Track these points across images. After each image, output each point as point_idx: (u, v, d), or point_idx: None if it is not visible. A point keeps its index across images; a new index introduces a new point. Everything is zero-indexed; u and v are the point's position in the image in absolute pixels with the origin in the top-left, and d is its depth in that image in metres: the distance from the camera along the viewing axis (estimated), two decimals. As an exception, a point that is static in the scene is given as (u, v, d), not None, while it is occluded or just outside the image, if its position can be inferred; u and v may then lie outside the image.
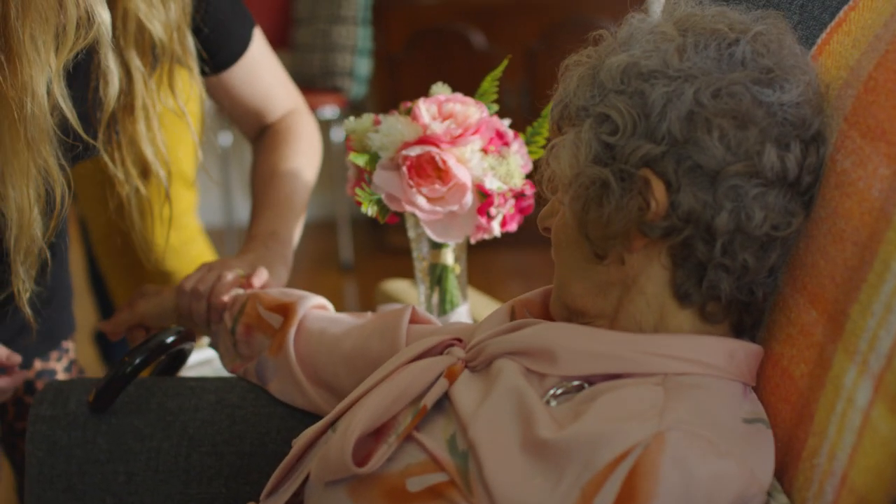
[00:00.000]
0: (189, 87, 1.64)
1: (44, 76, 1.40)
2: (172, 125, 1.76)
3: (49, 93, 1.42)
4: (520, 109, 4.37)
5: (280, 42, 4.82)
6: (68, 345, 1.87)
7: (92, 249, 3.08)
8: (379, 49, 4.56)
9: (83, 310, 2.80)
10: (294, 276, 1.70)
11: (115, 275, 2.93)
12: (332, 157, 4.62)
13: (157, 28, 1.53)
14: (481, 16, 4.55)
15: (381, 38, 4.55)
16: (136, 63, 1.55)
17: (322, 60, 4.58)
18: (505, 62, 1.69)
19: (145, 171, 1.63)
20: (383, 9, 4.56)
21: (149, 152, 1.61)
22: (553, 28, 4.57)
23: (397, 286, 2.22)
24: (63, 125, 1.47)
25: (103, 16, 1.43)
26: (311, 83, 4.62)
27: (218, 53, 1.70)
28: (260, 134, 1.83)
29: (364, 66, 4.56)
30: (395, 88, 4.54)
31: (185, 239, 2.82)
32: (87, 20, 1.42)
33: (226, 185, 4.87)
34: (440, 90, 1.63)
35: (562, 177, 1.16)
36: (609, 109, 1.13)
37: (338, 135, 4.58)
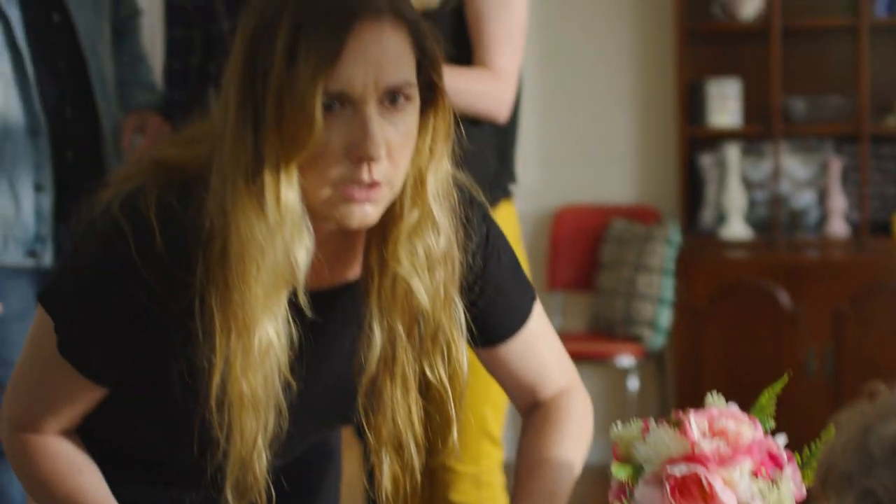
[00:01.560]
0: (455, 356, 1.62)
1: (271, 318, 1.44)
2: (477, 383, 1.76)
3: (278, 336, 1.46)
4: (823, 375, 4.22)
5: (584, 285, 4.86)
6: None
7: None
8: (681, 300, 4.52)
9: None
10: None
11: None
12: (626, 406, 4.57)
13: (422, 295, 1.53)
14: (788, 275, 4.46)
15: (685, 289, 4.51)
16: (399, 329, 1.55)
17: (624, 308, 4.57)
18: (785, 378, 1.62)
19: (398, 444, 1.62)
20: (689, 260, 4.53)
21: (400, 421, 1.60)
22: (863, 292, 4.42)
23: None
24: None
25: (299, 257, 1.44)
26: (611, 330, 4.61)
27: (493, 328, 1.69)
28: (531, 409, 1.81)
29: (665, 316, 4.52)
30: (695, 342, 4.47)
31: (486, 497, 2.81)
32: (289, 263, 1.44)
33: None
34: (715, 402, 1.58)
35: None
36: (875, 485, 1.05)
37: (633, 383, 4.53)
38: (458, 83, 2.44)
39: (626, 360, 4.49)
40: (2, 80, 2.71)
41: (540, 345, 1.75)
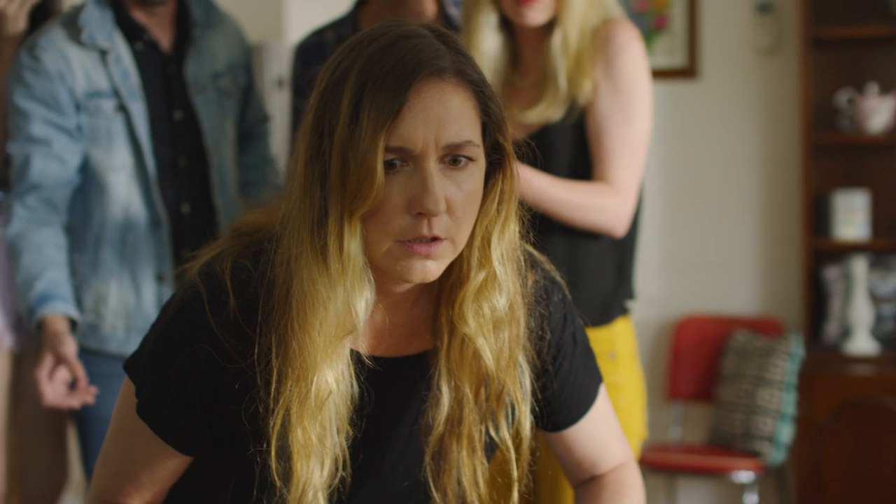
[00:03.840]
0: (518, 417, 1.62)
1: (331, 366, 1.46)
2: None
3: (337, 385, 1.47)
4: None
5: (703, 396, 4.80)
6: None
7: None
8: (803, 415, 4.42)
9: None
10: None
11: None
12: (743, 522, 4.48)
13: (487, 354, 1.54)
14: (915, 392, 4.34)
15: (806, 404, 4.41)
16: (466, 390, 1.56)
17: (743, 422, 4.49)
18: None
19: (463, 501, 1.62)
20: (812, 375, 4.44)
21: (466, 481, 1.60)
22: None
23: None
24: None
25: (358, 307, 1.46)
26: (729, 444, 4.54)
27: (561, 411, 1.70)
28: (585, 482, 1.79)
29: (786, 432, 4.43)
30: (816, 458, 4.36)
31: None
32: (349, 312, 1.46)
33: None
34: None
35: None
36: None
37: (750, 499, 4.44)
38: (577, 197, 2.45)
39: (744, 475, 4.40)
40: (124, 173, 2.77)
41: (604, 425, 1.76)
